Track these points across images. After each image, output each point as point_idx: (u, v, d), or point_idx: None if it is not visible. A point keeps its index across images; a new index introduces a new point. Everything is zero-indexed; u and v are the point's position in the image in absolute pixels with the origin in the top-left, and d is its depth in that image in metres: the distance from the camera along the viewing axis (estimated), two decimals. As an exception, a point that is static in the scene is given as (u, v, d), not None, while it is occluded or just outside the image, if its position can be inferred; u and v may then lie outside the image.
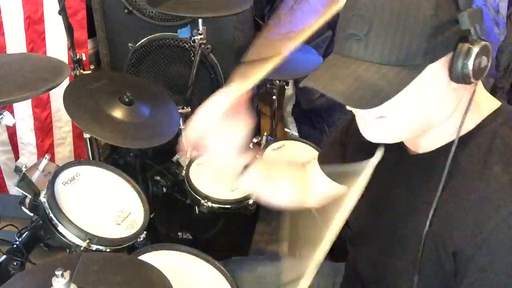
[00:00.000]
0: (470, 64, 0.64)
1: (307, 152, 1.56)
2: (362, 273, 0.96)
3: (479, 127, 0.73)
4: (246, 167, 0.91)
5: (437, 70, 0.66)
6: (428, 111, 0.70)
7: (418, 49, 0.63)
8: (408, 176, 0.82)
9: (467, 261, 0.69)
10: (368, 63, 0.66)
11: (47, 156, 1.22)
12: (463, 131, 0.72)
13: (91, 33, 1.82)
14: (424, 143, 0.78)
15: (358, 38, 0.65)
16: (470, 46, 0.64)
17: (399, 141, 0.77)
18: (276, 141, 1.59)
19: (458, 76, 0.66)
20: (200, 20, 1.47)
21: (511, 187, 0.67)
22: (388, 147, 0.83)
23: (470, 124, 0.73)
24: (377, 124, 0.73)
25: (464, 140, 0.72)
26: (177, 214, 1.69)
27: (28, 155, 1.91)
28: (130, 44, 1.80)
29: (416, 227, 0.75)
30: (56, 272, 0.67)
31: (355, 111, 0.76)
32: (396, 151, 0.82)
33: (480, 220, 0.68)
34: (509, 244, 0.66)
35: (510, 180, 0.67)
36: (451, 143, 0.72)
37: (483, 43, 0.65)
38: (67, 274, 0.68)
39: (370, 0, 0.65)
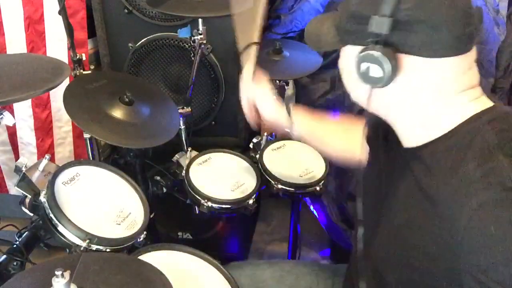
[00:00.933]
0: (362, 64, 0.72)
1: (307, 152, 1.56)
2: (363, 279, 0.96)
3: (462, 125, 0.73)
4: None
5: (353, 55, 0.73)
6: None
7: (343, 25, 0.75)
8: (401, 172, 0.82)
9: (455, 265, 0.67)
10: (332, 19, 0.78)
11: (47, 156, 1.22)
12: (447, 129, 0.73)
13: (91, 33, 1.82)
14: (410, 137, 0.79)
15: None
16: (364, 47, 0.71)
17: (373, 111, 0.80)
18: (276, 141, 1.59)
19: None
20: (200, 20, 1.47)
21: (482, 181, 0.65)
22: (392, 143, 0.83)
23: (454, 122, 0.73)
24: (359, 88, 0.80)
25: (447, 137, 0.73)
26: (177, 214, 1.69)
27: (28, 155, 1.91)
28: (130, 44, 1.80)
29: (403, 224, 0.77)
30: (56, 272, 0.67)
31: None
32: (394, 147, 0.83)
33: (454, 217, 0.67)
34: (484, 236, 0.63)
35: (483, 175, 0.65)
36: (436, 140, 0.74)
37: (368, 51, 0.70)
38: (67, 274, 0.68)
39: None
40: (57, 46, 1.78)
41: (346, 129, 1.13)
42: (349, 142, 1.08)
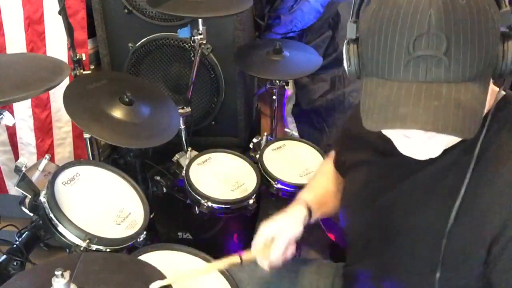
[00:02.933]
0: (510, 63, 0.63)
1: (307, 152, 1.56)
2: (362, 274, 0.96)
3: (497, 109, 0.71)
4: (309, 216, 1.03)
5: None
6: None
7: (494, 53, 0.62)
8: (422, 174, 0.80)
9: (503, 223, 0.69)
10: (455, 84, 0.61)
11: (47, 156, 1.22)
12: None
13: (91, 33, 1.82)
14: None
15: (437, 58, 0.60)
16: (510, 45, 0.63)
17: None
18: (276, 141, 1.59)
19: (503, 74, 0.65)
20: (200, 20, 1.47)
21: None
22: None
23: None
24: (427, 143, 0.70)
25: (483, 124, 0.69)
26: (177, 214, 1.69)
27: (28, 155, 1.91)
28: (130, 44, 1.80)
29: (435, 220, 0.75)
30: (56, 272, 0.67)
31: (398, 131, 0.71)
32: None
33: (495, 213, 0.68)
34: None
35: None
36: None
37: None
38: (67, 274, 0.68)
39: (441, 15, 0.59)
40: (57, 46, 1.78)
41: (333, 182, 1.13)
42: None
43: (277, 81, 1.72)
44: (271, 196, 1.44)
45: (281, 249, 0.95)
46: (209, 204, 1.31)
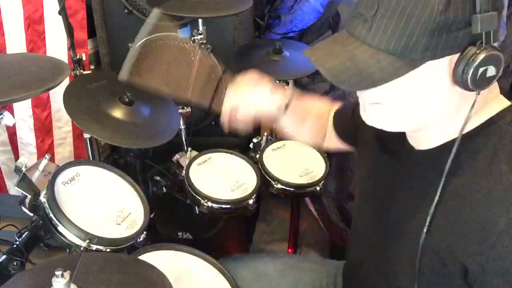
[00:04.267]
0: (471, 70, 0.62)
1: (307, 152, 1.56)
2: (363, 272, 0.96)
3: (486, 124, 0.71)
4: (286, 106, 0.99)
5: (439, 68, 0.65)
6: (425, 107, 0.70)
7: (420, 42, 0.62)
8: (411, 174, 0.81)
9: (480, 267, 0.67)
10: (367, 46, 0.65)
11: (47, 156, 1.22)
12: (469, 128, 0.71)
13: (91, 33, 1.82)
14: (427, 140, 0.77)
15: (364, 19, 0.65)
16: (476, 52, 0.62)
17: (394, 130, 0.76)
18: (276, 141, 1.59)
19: (458, 81, 0.64)
20: (200, 20, 1.47)
21: None
22: (392, 143, 0.82)
23: (476, 121, 0.71)
24: (372, 110, 0.74)
25: (470, 137, 0.70)
26: (177, 214, 1.69)
27: (28, 155, 1.91)
28: (130, 44, 1.80)
29: (418, 226, 0.74)
30: (56, 272, 0.67)
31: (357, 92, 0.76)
32: (400, 147, 0.82)
33: (488, 221, 0.65)
34: None
35: None
36: (455, 139, 0.70)
37: (492, 51, 0.62)
38: (67, 274, 0.68)
39: None
40: (57, 46, 1.78)
41: (322, 115, 1.13)
42: (321, 129, 1.11)
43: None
44: (271, 196, 1.44)
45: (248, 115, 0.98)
46: (209, 204, 1.31)
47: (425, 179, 0.77)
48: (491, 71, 0.64)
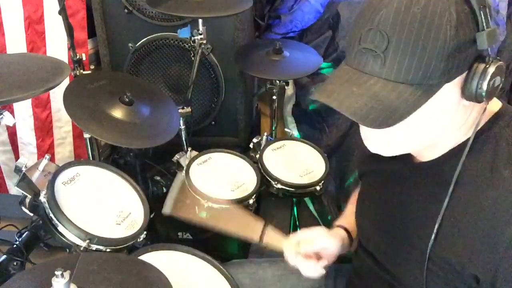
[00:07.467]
0: (485, 84, 0.64)
1: (307, 152, 1.56)
2: (369, 282, 0.96)
3: (481, 131, 0.72)
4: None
5: (451, 88, 0.66)
6: (435, 127, 0.70)
7: (436, 68, 0.62)
8: (414, 185, 0.81)
9: (492, 276, 0.67)
10: (384, 80, 0.64)
11: (47, 156, 1.22)
12: (465, 137, 0.72)
13: (91, 33, 1.82)
14: (430, 152, 0.78)
15: (375, 54, 0.64)
16: (486, 66, 0.64)
17: (400, 153, 0.76)
18: (276, 141, 1.59)
19: (471, 96, 0.65)
20: (200, 20, 1.47)
21: None
22: (392, 156, 0.82)
23: (471, 130, 0.71)
24: (379, 136, 0.72)
25: (470, 145, 0.70)
26: (177, 214, 1.69)
27: (28, 155, 1.91)
28: (130, 44, 1.80)
29: (424, 237, 0.74)
30: (56, 272, 0.67)
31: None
32: (400, 159, 0.82)
33: (496, 229, 0.66)
34: None
35: None
36: (455, 148, 0.71)
37: (498, 63, 0.64)
38: (67, 274, 0.68)
39: (390, 16, 0.63)
40: (57, 46, 1.78)
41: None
42: None
43: (277, 81, 1.72)
44: (271, 196, 1.44)
45: (311, 248, 0.97)
46: (209, 204, 1.31)
47: (429, 189, 0.78)
48: (498, 80, 0.66)
